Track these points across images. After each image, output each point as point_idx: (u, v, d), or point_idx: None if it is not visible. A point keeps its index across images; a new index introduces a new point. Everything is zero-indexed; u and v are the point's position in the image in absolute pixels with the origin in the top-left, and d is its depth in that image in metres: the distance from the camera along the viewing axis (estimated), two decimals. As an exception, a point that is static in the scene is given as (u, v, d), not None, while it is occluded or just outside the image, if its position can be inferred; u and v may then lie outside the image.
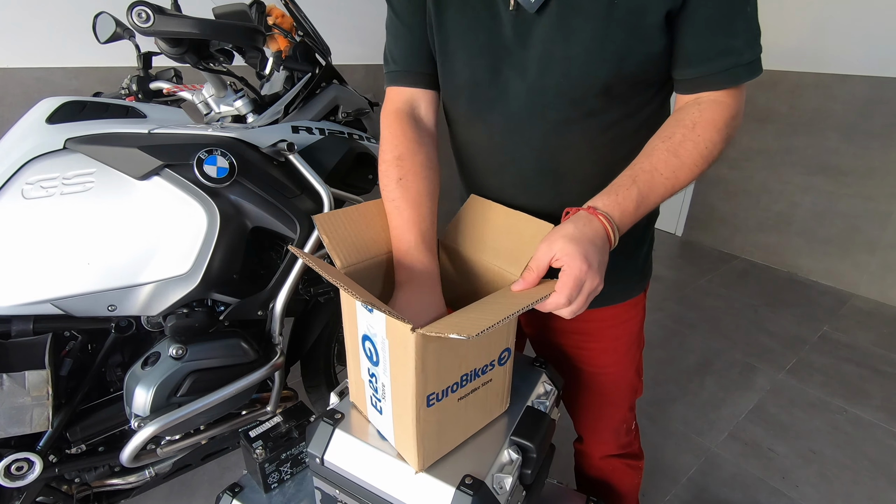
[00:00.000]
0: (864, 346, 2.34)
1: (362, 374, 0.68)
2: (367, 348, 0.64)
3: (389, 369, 0.61)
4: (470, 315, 0.57)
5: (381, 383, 0.64)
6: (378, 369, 0.63)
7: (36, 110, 1.01)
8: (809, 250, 2.93)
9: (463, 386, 0.64)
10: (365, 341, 0.64)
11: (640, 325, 0.94)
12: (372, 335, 0.61)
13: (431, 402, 0.60)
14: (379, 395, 0.65)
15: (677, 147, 0.66)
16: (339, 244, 0.68)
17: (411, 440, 0.61)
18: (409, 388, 0.57)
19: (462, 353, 0.62)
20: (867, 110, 2.57)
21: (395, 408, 0.62)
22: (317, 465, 0.71)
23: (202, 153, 0.99)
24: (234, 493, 0.91)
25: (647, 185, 0.65)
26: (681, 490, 1.59)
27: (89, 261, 0.94)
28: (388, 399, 0.63)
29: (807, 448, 1.75)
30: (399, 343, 0.56)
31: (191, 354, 1.02)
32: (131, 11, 0.91)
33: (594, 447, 1.05)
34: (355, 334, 0.66)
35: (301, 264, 1.13)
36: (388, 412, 0.64)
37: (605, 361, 0.93)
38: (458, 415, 0.65)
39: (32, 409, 0.91)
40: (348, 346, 0.70)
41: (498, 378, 0.70)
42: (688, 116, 0.67)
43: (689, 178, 0.67)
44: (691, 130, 0.66)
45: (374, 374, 0.64)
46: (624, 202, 0.64)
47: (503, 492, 0.64)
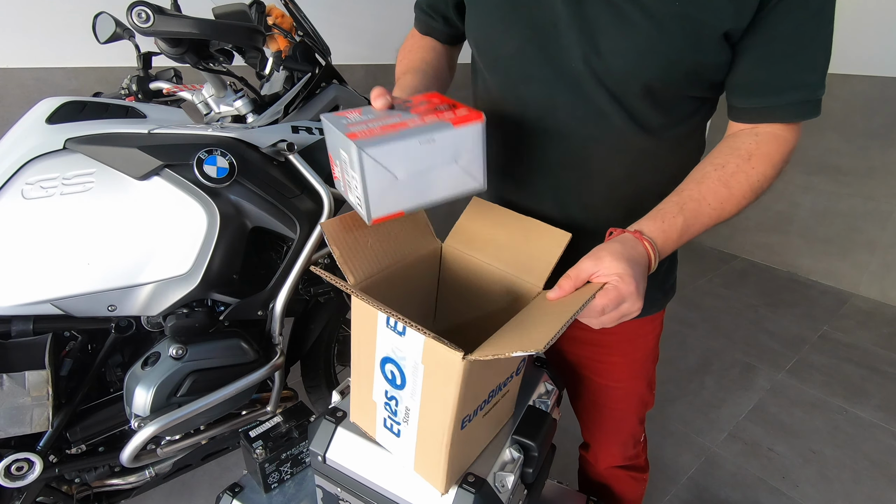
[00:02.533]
0: (864, 346, 2.34)
1: (374, 396, 0.64)
2: (389, 371, 0.59)
3: (420, 394, 0.56)
4: (520, 329, 0.53)
5: (403, 407, 0.59)
6: (402, 393, 0.59)
7: (36, 110, 1.01)
8: (809, 250, 2.93)
9: (488, 402, 0.62)
10: (386, 363, 0.59)
11: (657, 340, 0.92)
12: (398, 358, 0.56)
13: (465, 424, 0.57)
14: (398, 419, 0.61)
15: (729, 178, 0.62)
16: (351, 256, 0.63)
17: (440, 464, 0.58)
18: (447, 413, 0.54)
19: (494, 370, 0.60)
20: (867, 110, 2.57)
21: (422, 432, 0.59)
22: (318, 463, 0.71)
23: (202, 153, 0.99)
24: (234, 493, 0.91)
25: (693, 215, 0.62)
26: (681, 490, 1.59)
27: (89, 261, 0.94)
28: (411, 423, 0.60)
29: (807, 448, 1.75)
30: (440, 369, 0.52)
31: (191, 354, 1.02)
32: (131, 11, 0.91)
33: (600, 457, 1.03)
34: (371, 355, 0.61)
35: (301, 264, 1.13)
36: (409, 436, 0.61)
37: (619, 375, 0.91)
38: (480, 430, 0.64)
39: (32, 410, 0.90)
40: (357, 366, 0.65)
41: (513, 387, 0.69)
42: (744, 146, 0.63)
43: (735, 211, 0.65)
44: (746, 162, 0.63)
45: (395, 398, 0.60)
46: (669, 230, 0.62)
47: (505, 490, 0.64)
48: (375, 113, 0.58)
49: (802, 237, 2.94)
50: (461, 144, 0.55)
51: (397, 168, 0.53)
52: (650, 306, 0.85)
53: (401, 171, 0.53)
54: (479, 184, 0.59)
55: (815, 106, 0.62)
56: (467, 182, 0.58)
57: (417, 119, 0.55)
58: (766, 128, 0.64)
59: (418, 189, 0.55)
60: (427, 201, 0.57)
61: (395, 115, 0.57)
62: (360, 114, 0.58)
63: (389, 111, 0.59)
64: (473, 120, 0.55)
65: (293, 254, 1.13)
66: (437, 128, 0.54)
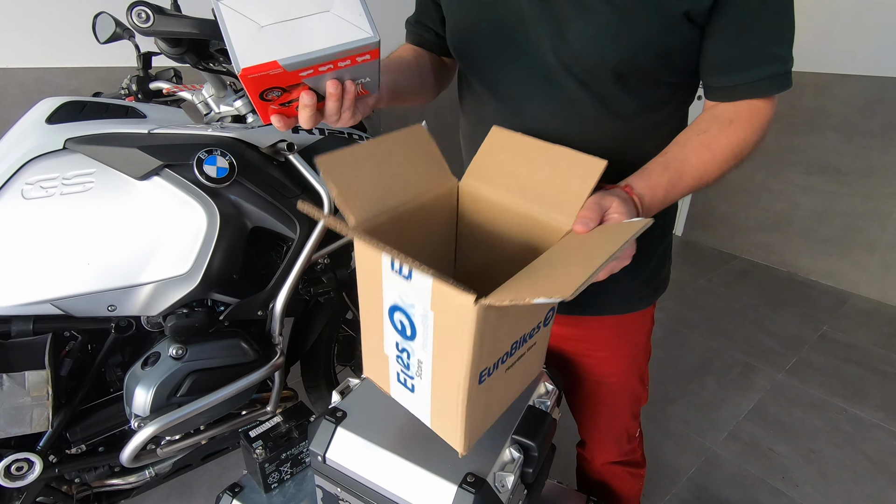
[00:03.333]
0: (864, 346, 2.34)
1: (385, 349, 0.59)
2: (398, 320, 0.55)
3: (432, 345, 0.52)
4: (544, 272, 0.48)
5: (415, 360, 0.55)
6: (413, 344, 0.54)
7: (36, 110, 1.01)
8: (809, 250, 2.93)
9: (511, 355, 0.57)
10: (394, 312, 0.55)
11: (647, 336, 0.93)
12: (406, 306, 0.52)
13: (483, 378, 0.52)
14: (411, 373, 0.57)
15: (711, 140, 0.65)
16: (351, 194, 0.57)
17: (457, 422, 0.54)
18: (461, 366, 0.49)
19: (516, 319, 0.55)
20: (867, 110, 2.58)
21: (436, 387, 0.54)
22: (318, 464, 0.71)
23: (202, 153, 0.99)
24: (234, 493, 0.91)
25: (677, 175, 0.64)
26: (681, 490, 1.59)
27: (89, 261, 0.94)
28: (425, 377, 0.55)
29: (807, 448, 1.75)
30: (451, 316, 0.47)
31: (191, 354, 1.02)
32: (131, 11, 0.91)
33: (596, 453, 1.05)
34: (378, 303, 0.56)
35: (301, 264, 1.13)
36: (423, 391, 0.57)
37: (609, 370, 0.92)
38: (503, 386, 0.59)
39: (32, 410, 0.90)
40: (365, 315, 0.60)
41: (541, 339, 0.65)
42: (724, 114, 0.66)
43: (718, 174, 0.66)
44: (728, 126, 0.65)
45: (407, 350, 0.56)
46: (655, 187, 0.63)
47: (505, 490, 0.64)
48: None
49: (802, 237, 2.94)
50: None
51: (258, 15, 0.51)
52: (637, 301, 0.87)
53: (263, 18, 0.51)
54: (366, 33, 0.54)
55: (787, 78, 0.64)
56: (351, 31, 0.54)
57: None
58: (744, 103, 0.66)
59: (290, 39, 0.52)
60: (306, 51, 0.53)
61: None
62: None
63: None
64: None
65: (293, 254, 1.13)
66: None
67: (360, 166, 0.59)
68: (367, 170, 0.60)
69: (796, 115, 2.80)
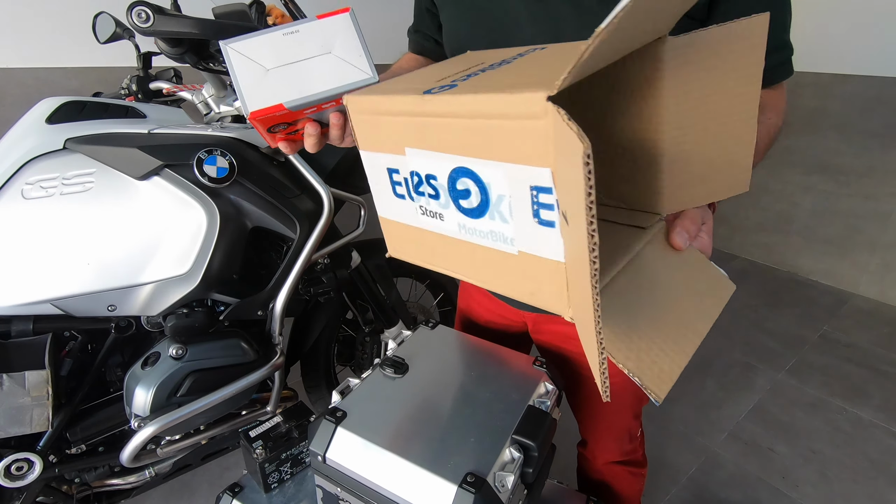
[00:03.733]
0: (864, 346, 2.34)
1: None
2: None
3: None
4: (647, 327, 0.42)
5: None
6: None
7: (36, 110, 1.01)
8: (809, 250, 2.93)
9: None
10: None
11: None
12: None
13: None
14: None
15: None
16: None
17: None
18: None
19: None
20: (867, 110, 2.57)
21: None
22: (318, 463, 0.71)
23: (202, 153, 0.99)
24: (234, 493, 0.91)
25: None
26: (681, 490, 1.59)
27: (89, 261, 0.94)
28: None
29: (807, 448, 1.75)
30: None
31: (191, 354, 1.02)
32: (131, 11, 0.91)
33: (597, 452, 1.05)
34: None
35: (301, 264, 1.13)
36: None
37: (612, 370, 0.91)
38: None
39: (32, 409, 0.90)
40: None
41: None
42: None
43: (757, 162, 0.65)
44: (761, 113, 0.65)
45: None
46: None
47: (505, 490, 0.64)
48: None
49: (802, 237, 2.94)
50: (330, 34, 0.56)
51: (264, 59, 0.54)
52: None
53: (268, 61, 0.54)
54: (366, 73, 0.56)
55: (791, 66, 0.66)
56: (352, 72, 0.56)
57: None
58: (763, 91, 0.66)
59: (294, 81, 0.55)
60: (310, 94, 0.55)
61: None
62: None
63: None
64: (338, 12, 0.56)
65: (293, 254, 1.13)
66: (301, 22, 0.55)
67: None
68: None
69: (796, 115, 2.80)
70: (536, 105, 0.34)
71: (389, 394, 0.77)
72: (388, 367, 0.81)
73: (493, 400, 0.77)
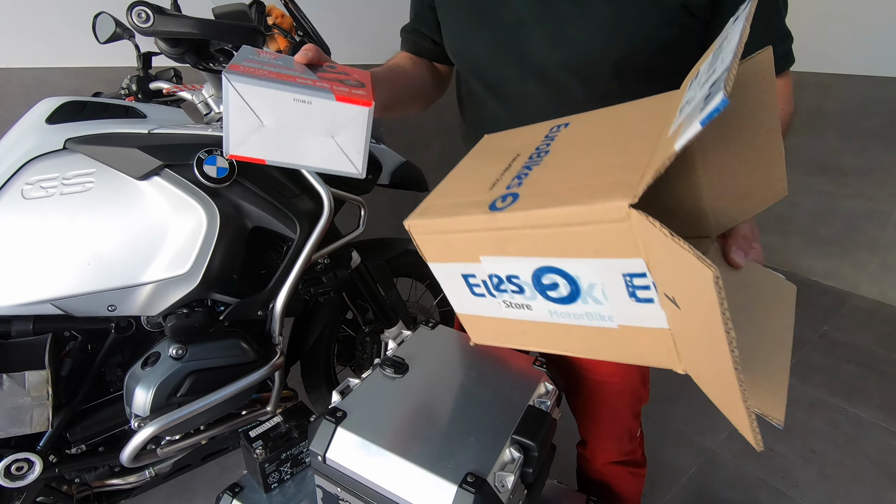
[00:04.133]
0: (864, 346, 2.34)
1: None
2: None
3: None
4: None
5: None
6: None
7: (36, 110, 1.01)
8: (809, 250, 2.93)
9: None
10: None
11: None
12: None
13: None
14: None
15: None
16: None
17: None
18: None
19: None
20: (867, 110, 2.57)
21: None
22: (318, 463, 0.71)
23: (202, 153, 0.99)
24: (234, 493, 0.91)
25: None
26: (681, 490, 1.59)
27: (89, 261, 0.94)
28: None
29: (807, 448, 1.75)
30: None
31: (191, 354, 1.02)
32: (131, 11, 0.91)
33: (597, 453, 1.05)
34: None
35: (301, 264, 1.13)
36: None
37: (611, 370, 0.92)
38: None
39: (32, 410, 0.90)
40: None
41: None
42: None
43: None
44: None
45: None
46: None
47: (505, 490, 0.64)
48: (287, 62, 0.56)
49: (802, 237, 2.94)
50: (339, 121, 0.52)
51: (264, 114, 0.50)
52: None
53: (268, 118, 0.50)
54: (356, 169, 0.55)
55: (792, 54, 0.67)
56: (343, 162, 0.54)
57: (311, 79, 0.52)
58: None
59: (286, 146, 0.52)
60: (295, 162, 0.54)
61: (298, 70, 0.54)
62: (273, 57, 0.56)
63: (303, 66, 0.56)
64: (359, 103, 0.51)
65: (293, 254, 1.13)
66: (319, 93, 0.50)
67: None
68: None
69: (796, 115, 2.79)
70: (619, 212, 0.36)
71: (389, 394, 0.77)
72: (388, 367, 0.81)
73: (493, 400, 0.77)
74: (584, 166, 0.44)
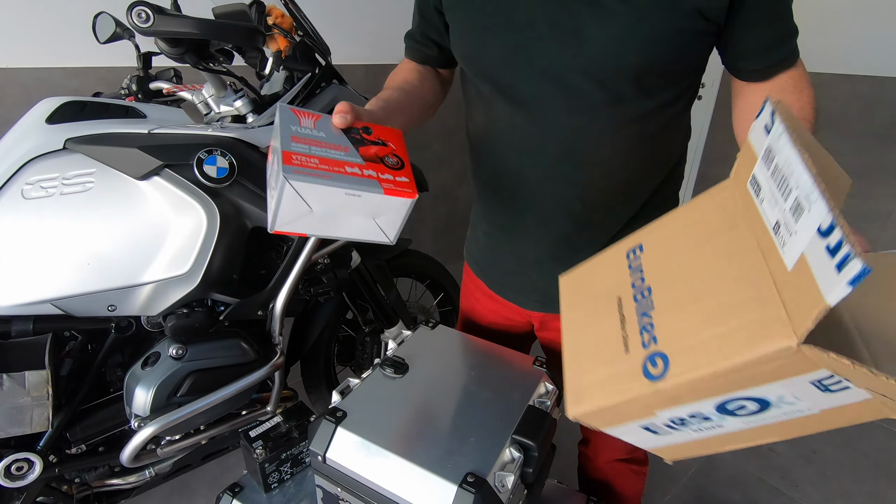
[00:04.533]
0: (863, 345, 2.34)
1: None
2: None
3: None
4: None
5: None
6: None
7: (36, 110, 1.01)
8: (809, 250, 2.93)
9: None
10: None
11: None
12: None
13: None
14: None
15: (800, 110, 0.68)
16: None
17: None
18: None
19: None
20: (867, 110, 2.57)
21: None
22: (318, 463, 0.71)
23: (202, 153, 0.99)
24: (234, 493, 0.91)
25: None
26: (681, 490, 1.59)
27: (89, 261, 0.94)
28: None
29: (807, 448, 1.75)
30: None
31: (191, 354, 1.02)
32: (131, 11, 0.91)
33: (600, 450, 1.04)
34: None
35: (301, 264, 1.13)
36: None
37: None
38: None
39: (32, 410, 0.90)
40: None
41: None
42: (788, 84, 0.69)
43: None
44: (801, 93, 0.69)
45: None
46: None
47: (505, 490, 0.64)
48: (327, 133, 0.59)
49: (802, 237, 2.94)
50: (385, 209, 0.57)
51: (315, 203, 0.54)
52: None
53: (318, 206, 0.54)
54: (388, 240, 0.60)
55: (797, 47, 0.69)
56: (378, 235, 0.59)
57: (358, 167, 0.56)
58: (786, 73, 0.69)
59: (328, 223, 0.57)
60: (331, 235, 0.58)
61: (341, 149, 0.57)
62: (314, 127, 0.59)
63: (341, 137, 0.59)
64: (405, 195, 0.56)
65: (293, 254, 1.13)
66: (368, 186, 0.54)
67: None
68: None
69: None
70: (789, 351, 0.36)
71: (389, 394, 0.77)
72: (388, 367, 0.81)
73: (493, 400, 0.77)
74: (710, 306, 0.44)
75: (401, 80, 0.84)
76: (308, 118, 0.59)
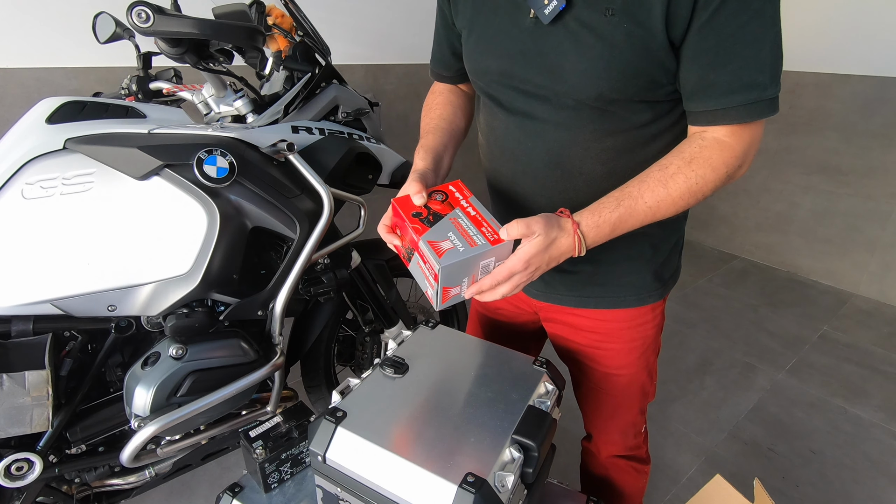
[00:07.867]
0: (864, 346, 2.34)
1: None
2: None
3: None
4: None
5: None
6: None
7: (36, 110, 1.01)
8: (809, 250, 2.93)
9: None
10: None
11: (657, 330, 0.94)
12: None
13: None
14: None
15: (668, 179, 0.68)
16: None
17: None
18: None
19: None
20: (867, 110, 2.58)
21: None
22: (318, 463, 0.71)
23: (202, 153, 0.99)
24: (234, 493, 0.91)
25: (627, 212, 0.69)
26: (681, 490, 1.59)
27: (89, 261, 0.94)
28: None
29: (807, 448, 1.75)
30: None
31: (191, 354, 1.02)
32: (131, 11, 0.91)
33: (602, 446, 1.05)
34: None
35: (301, 264, 1.13)
36: None
37: (619, 363, 0.93)
38: None
39: (32, 409, 0.90)
40: None
41: None
42: (688, 150, 0.69)
43: (672, 211, 0.70)
44: (687, 165, 0.68)
45: None
46: (602, 225, 0.69)
47: (505, 490, 0.64)
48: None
49: (802, 237, 2.94)
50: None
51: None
52: (647, 296, 0.89)
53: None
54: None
55: (770, 105, 0.65)
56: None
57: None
58: (714, 132, 0.68)
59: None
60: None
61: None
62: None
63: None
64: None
65: (293, 254, 1.13)
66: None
67: None
68: None
69: (796, 115, 2.80)
70: None
71: (389, 394, 0.77)
72: (388, 367, 0.81)
73: (493, 400, 0.77)
74: None
75: (437, 118, 0.92)
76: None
